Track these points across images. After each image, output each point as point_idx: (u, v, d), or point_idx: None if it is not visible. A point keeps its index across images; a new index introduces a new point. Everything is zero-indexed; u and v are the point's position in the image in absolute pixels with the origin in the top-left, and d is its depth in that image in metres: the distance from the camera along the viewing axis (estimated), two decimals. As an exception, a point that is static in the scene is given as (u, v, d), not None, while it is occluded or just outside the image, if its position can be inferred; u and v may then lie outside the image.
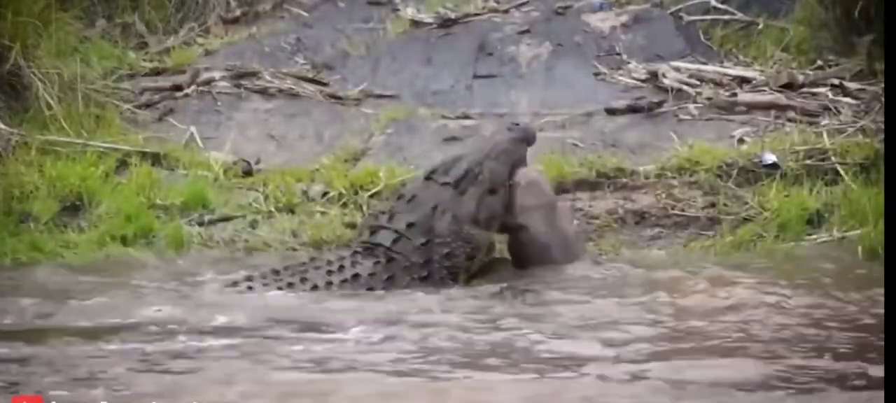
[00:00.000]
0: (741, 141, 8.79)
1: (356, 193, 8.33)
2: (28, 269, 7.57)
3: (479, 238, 6.79)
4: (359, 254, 6.81)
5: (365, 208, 8.11)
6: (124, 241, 7.84)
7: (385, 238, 6.78)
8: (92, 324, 6.23)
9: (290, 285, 6.73)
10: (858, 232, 7.68)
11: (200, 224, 8.02)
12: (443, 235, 6.70)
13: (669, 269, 7.31)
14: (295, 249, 7.84)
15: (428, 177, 7.04)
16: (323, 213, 8.19)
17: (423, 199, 6.88)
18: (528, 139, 7.10)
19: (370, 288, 6.67)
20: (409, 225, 6.76)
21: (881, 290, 5.97)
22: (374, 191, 8.30)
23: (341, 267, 6.73)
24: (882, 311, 5.65)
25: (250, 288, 6.76)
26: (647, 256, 7.72)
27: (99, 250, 7.77)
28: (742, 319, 6.26)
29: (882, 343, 5.36)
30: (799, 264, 7.40)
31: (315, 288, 6.69)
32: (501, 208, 6.94)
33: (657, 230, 8.05)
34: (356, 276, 6.68)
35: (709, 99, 9.33)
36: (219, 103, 9.62)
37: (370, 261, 6.73)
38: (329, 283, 6.69)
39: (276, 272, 6.85)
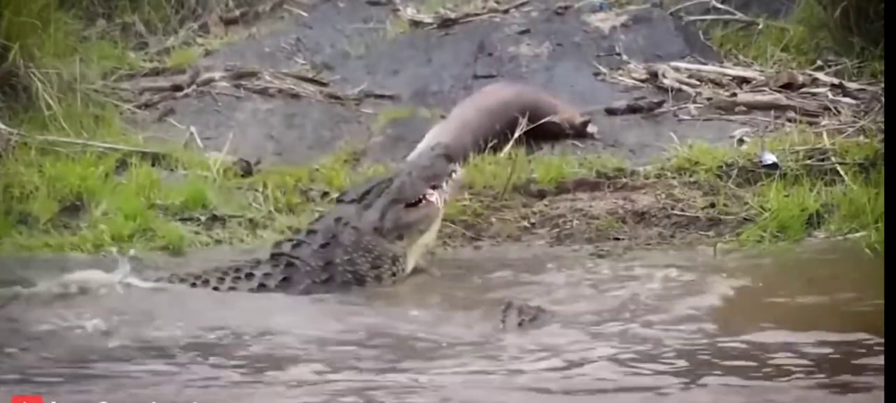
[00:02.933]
0: (741, 141, 8.79)
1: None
2: None
3: (380, 248, 7.06)
4: (261, 261, 7.14)
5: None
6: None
7: (286, 245, 7.15)
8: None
9: (194, 285, 6.98)
10: (859, 234, 7.67)
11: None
12: (344, 244, 7.04)
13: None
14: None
15: (339, 199, 7.49)
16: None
17: (330, 214, 7.32)
18: (448, 155, 7.27)
19: (262, 286, 6.95)
20: (310, 232, 7.13)
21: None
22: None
23: (238, 270, 7.04)
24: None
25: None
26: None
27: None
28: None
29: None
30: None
31: (215, 288, 6.95)
32: (420, 219, 7.18)
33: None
34: (250, 276, 6.97)
35: (709, 99, 9.33)
36: (218, 103, 9.62)
37: (269, 265, 7.06)
38: (222, 282, 6.97)
39: (190, 274, 7.15)
